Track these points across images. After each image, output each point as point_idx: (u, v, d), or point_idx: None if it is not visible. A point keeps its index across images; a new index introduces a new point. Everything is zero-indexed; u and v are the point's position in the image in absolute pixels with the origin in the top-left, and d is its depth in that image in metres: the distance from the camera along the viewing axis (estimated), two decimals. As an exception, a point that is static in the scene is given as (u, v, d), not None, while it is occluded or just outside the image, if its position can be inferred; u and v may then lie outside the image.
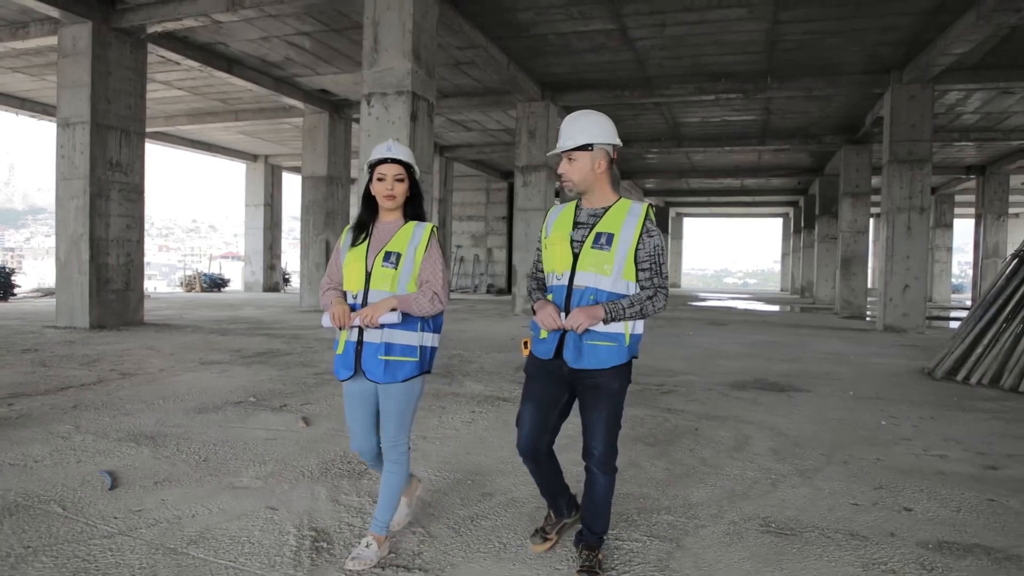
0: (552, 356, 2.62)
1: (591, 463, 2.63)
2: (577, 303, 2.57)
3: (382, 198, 2.74)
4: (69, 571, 2.58)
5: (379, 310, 2.61)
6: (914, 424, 5.38)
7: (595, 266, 2.56)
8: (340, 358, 2.74)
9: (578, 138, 2.62)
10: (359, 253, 2.75)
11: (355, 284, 2.73)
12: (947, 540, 3.04)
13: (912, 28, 11.49)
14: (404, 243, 2.72)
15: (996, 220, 23.84)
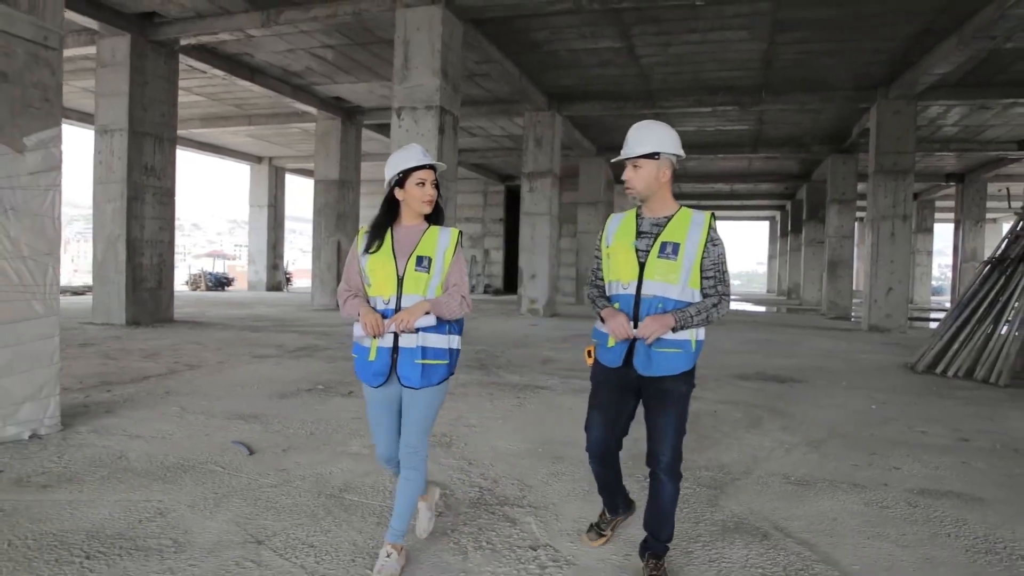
0: (621, 364, 2.66)
1: (658, 469, 2.66)
2: (646, 311, 2.60)
3: (422, 203, 2.73)
4: (261, 507, 3.34)
5: (415, 314, 2.61)
6: (899, 408, 6.23)
7: (662, 275, 2.59)
8: (373, 365, 2.69)
9: (646, 145, 2.65)
10: (386, 258, 2.70)
11: (387, 289, 2.69)
12: (927, 488, 3.87)
13: (898, 50, 12.41)
14: (433, 247, 2.72)
15: (974, 226, 24.95)
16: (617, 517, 3.01)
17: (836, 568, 2.82)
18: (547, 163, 16.90)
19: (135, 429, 4.76)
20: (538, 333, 12.42)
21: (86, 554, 2.76)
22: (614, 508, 2.99)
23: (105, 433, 4.63)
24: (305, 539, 2.98)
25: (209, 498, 3.44)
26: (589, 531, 3.01)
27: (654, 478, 2.71)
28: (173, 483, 3.66)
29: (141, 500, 3.38)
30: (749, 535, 3.15)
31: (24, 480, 3.64)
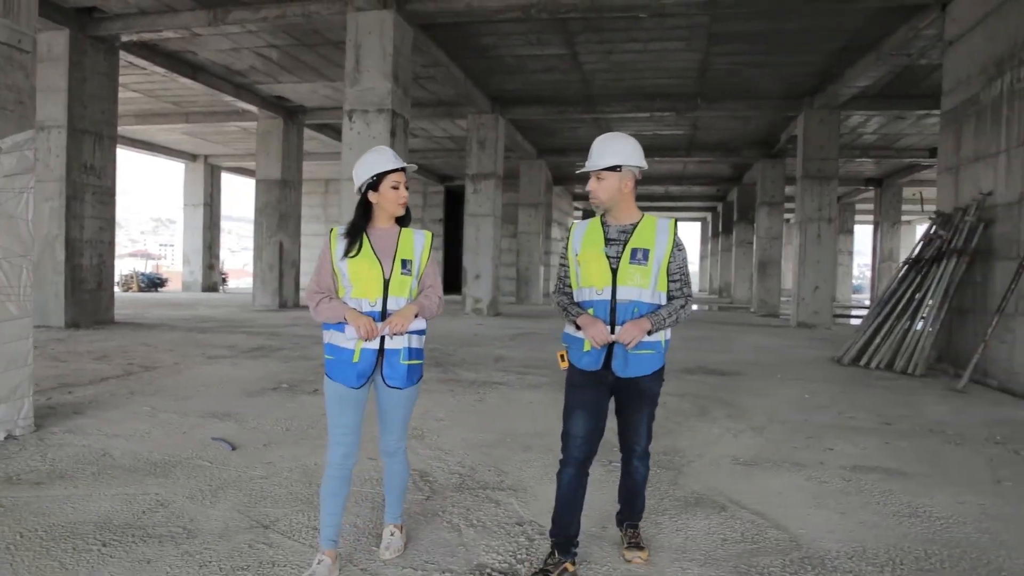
0: (600, 367, 2.74)
1: (634, 457, 2.90)
2: (622, 316, 2.70)
3: (397, 205, 2.77)
4: (257, 497, 3.53)
5: (407, 318, 2.66)
6: (830, 397, 6.79)
7: (635, 280, 2.70)
8: (357, 366, 2.67)
9: (608, 158, 2.73)
10: (371, 261, 2.71)
11: (372, 292, 2.70)
12: (859, 465, 4.35)
13: (823, 63, 13.23)
14: (411, 250, 2.79)
15: (891, 227, 26.53)
16: (565, 562, 2.72)
17: (786, 532, 3.21)
18: (491, 165, 17.20)
19: (111, 429, 4.83)
20: (486, 332, 12.70)
21: (101, 542, 2.91)
22: (566, 547, 2.75)
23: (81, 433, 4.69)
24: (308, 523, 3.19)
25: (205, 490, 3.60)
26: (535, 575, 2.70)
27: (628, 463, 2.92)
28: (165, 477, 3.80)
29: (138, 493, 3.52)
30: (709, 508, 3.52)
31: (14, 478, 3.71)
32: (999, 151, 7.85)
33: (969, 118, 8.57)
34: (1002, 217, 7.80)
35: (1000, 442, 5.07)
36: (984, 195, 8.10)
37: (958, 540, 3.17)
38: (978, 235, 8.05)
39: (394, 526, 2.92)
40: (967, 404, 6.56)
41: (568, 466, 2.77)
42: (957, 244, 8.27)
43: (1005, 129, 7.71)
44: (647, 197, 37.87)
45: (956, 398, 6.87)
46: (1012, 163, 7.58)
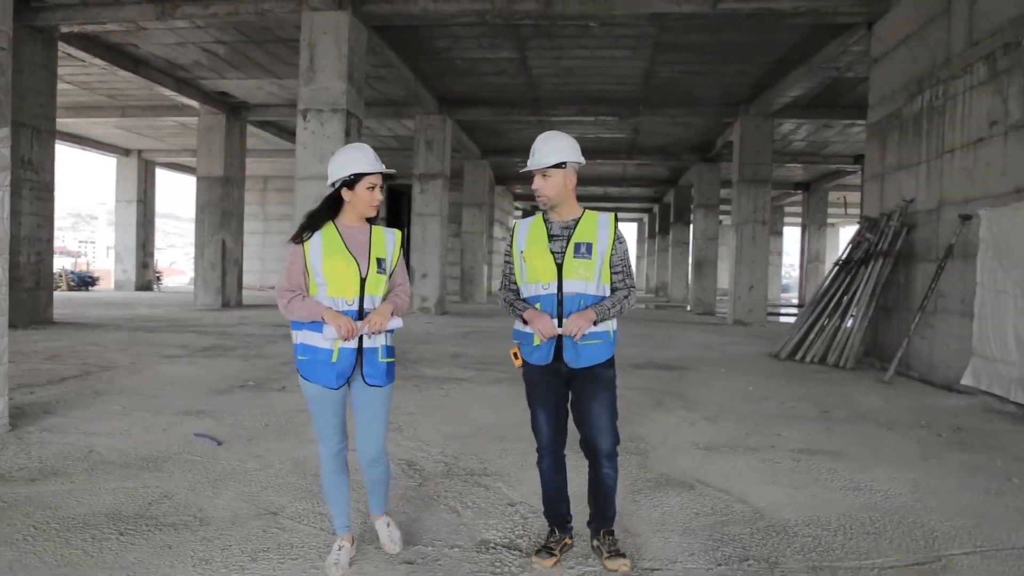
0: (551, 360, 2.81)
1: (601, 456, 2.84)
2: (569, 309, 2.77)
3: (370, 207, 2.76)
4: (256, 487, 3.68)
5: (385, 316, 2.66)
6: (772, 389, 7.29)
7: (579, 274, 2.78)
8: (336, 366, 2.66)
9: (552, 157, 2.82)
10: (346, 259, 2.69)
11: (349, 291, 2.68)
12: (805, 448, 4.78)
13: (760, 74, 13.94)
14: (383, 248, 2.79)
15: (818, 230, 27.89)
16: (565, 538, 2.93)
17: (750, 505, 3.58)
18: (438, 165, 17.36)
19: (87, 427, 4.85)
20: (437, 330, 12.88)
21: (118, 532, 3.03)
22: (563, 524, 2.95)
23: (59, 431, 4.70)
24: (312, 510, 3.38)
25: (204, 482, 3.73)
26: (539, 552, 2.88)
27: (596, 468, 2.87)
28: (159, 472, 3.90)
29: (138, 487, 3.62)
30: (678, 487, 3.87)
31: (7, 476, 3.75)
32: (920, 162, 8.54)
33: (893, 130, 9.27)
34: (922, 223, 8.49)
35: (925, 426, 5.62)
36: (907, 202, 8.79)
37: (896, 508, 3.60)
38: (901, 239, 8.73)
39: (386, 516, 2.94)
40: (894, 394, 7.16)
41: (544, 456, 2.93)
42: (883, 247, 8.95)
43: (925, 142, 8.40)
44: (587, 198, 38.59)
45: (884, 389, 7.48)
46: (931, 173, 8.27)
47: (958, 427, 5.62)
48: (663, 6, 10.12)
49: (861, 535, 3.23)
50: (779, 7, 9.90)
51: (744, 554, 2.99)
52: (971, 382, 6.96)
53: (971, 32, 7.46)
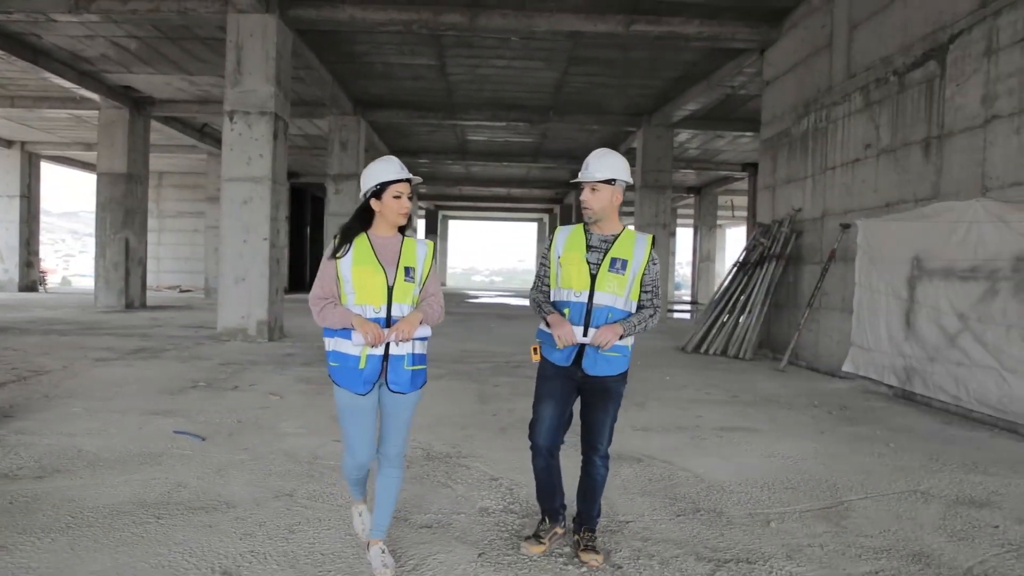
0: (571, 363, 2.95)
1: (596, 456, 3.03)
2: (596, 319, 2.90)
3: (398, 215, 2.83)
4: (261, 475, 4.04)
5: (413, 325, 2.73)
6: (686, 378, 8.16)
7: (611, 288, 2.90)
8: (363, 372, 2.73)
9: (605, 172, 2.94)
10: (374, 268, 2.77)
11: (376, 298, 2.75)
12: (724, 426, 5.59)
13: (663, 88, 15.03)
14: (413, 258, 2.86)
15: (708, 231, 29.81)
16: (556, 527, 3.07)
17: (690, 471, 4.29)
18: (353, 166, 17.49)
19: (60, 428, 4.98)
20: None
21: (155, 516, 3.34)
22: (555, 515, 3.09)
23: (33, 434, 4.81)
24: (323, 492, 3.78)
25: (209, 472, 4.05)
26: (529, 539, 3.05)
27: (590, 463, 3.05)
28: (159, 465, 4.17)
29: (148, 479, 3.90)
30: (628, 460, 4.53)
31: (10, 475, 3.92)
32: (806, 176, 9.70)
33: (783, 147, 10.43)
34: (809, 229, 9.65)
35: (817, 406, 6.60)
36: (795, 211, 9.95)
37: (804, 470, 4.41)
38: (791, 244, 9.87)
39: (381, 542, 2.86)
40: (788, 380, 8.20)
41: (539, 457, 3.05)
42: (775, 251, 10.07)
43: (811, 159, 9.55)
44: (490, 198, 39.38)
45: (779, 376, 8.53)
46: (816, 186, 9.43)
47: (844, 406, 6.63)
48: (581, 25, 10.88)
49: (781, 490, 4.00)
50: (684, 31, 10.86)
51: (695, 507, 3.68)
52: (851, 369, 8.09)
53: (849, 66, 8.61)
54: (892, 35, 7.74)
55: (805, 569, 2.96)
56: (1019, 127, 5.94)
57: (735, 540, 3.26)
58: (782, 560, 3.05)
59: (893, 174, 7.67)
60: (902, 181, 7.52)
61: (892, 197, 7.69)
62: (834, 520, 3.56)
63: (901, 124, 7.57)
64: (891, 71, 7.74)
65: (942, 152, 6.90)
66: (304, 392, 6.68)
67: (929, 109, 7.11)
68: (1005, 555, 3.15)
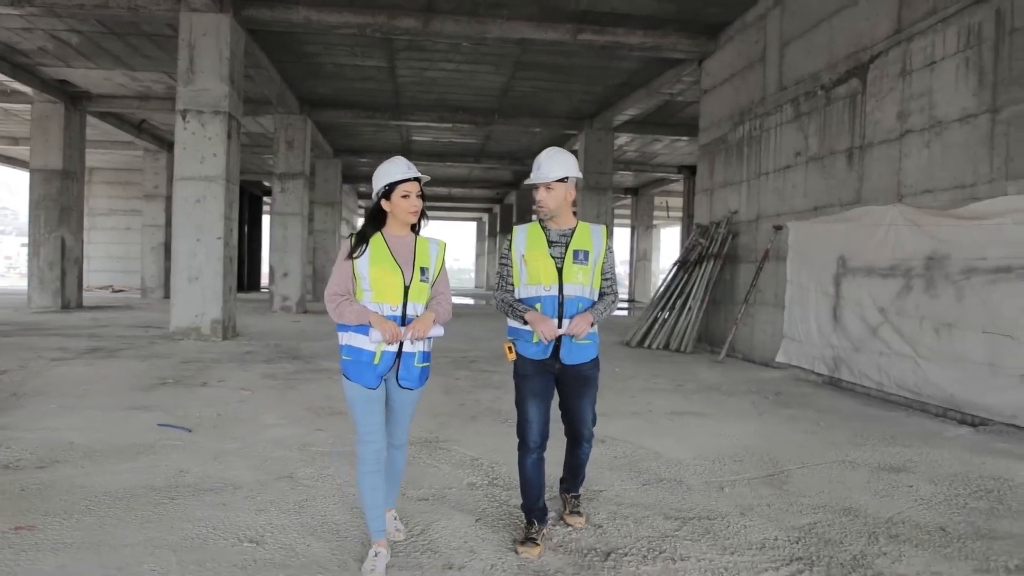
0: (548, 356, 3.09)
1: (583, 440, 3.28)
2: (569, 310, 3.04)
3: (408, 214, 2.90)
4: (256, 460, 4.30)
5: (428, 324, 2.85)
6: (633, 370, 8.70)
7: (578, 279, 3.06)
8: (377, 368, 2.84)
9: (558, 171, 3.05)
10: (392, 267, 2.86)
11: (393, 298, 2.85)
12: (674, 411, 6.12)
13: (605, 93, 15.64)
14: (427, 258, 2.95)
15: (645, 231, 30.79)
16: (543, 528, 3.18)
17: (649, 450, 4.77)
18: (299, 165, 17.51)
19: (44, 424, 5.09)
20: (309, 328, 13.28)
21: (169, 497, 3.58)
22: (542, 516, 3.17)
23: (17, 429, 4.91)
24: (320, 473, 4.08)
25: (206, 459, 4.29)
26: (525, 543, 3.07)
27: (577, 447, 3.30)
28: (154, 455, 4.37)
29: (150, 466, 4.12)
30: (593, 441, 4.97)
31: (11, 466, 4.07)
32: (742, 180, 10.40)
33: (720, 152, 11.13)
34: (744, 231, 10.36)
35: (755, 392, 7.22)
36: (732, 213, 10.64)
37: (750, 446, 4.95)
38: (728, 244, 10.56)
39: (394, 510, 3.20)
40: (727, 370, 8.85)
41: (530, 453, 3.14)
42: (713, 250, 10.74)
43: (746, 164, 10.25)
44: (431, 198, 39.52)
45: (719, 367, 9.18)
46: (751, 190, 10.13)
47: (778, 392, 7.28)
48: (531, 33, 11.31)
49: (730, 462, 4.52)
50: (628, 41, 11.44)
51: (658, 478, 4.15)
52: (783, 359, 8.79)
53: (781, 79, 9.32)
54: (819, 53, 8.46)
55: (756, 523, 3.46)
56: (929, 141, 6.68)
57: (695, 503, 3.74)
58: (736, 516, 3.54)
59: (821, 180, 8.39)
60: (829, 187, 8.24)
61: (820, 201, 8.40)
62: (777, 485, 4.09)
63: (828, 134, 8.29)
64: (819, 86, 8.46)
65: (864, 161, 7.62)
66: (273, 387, 6.89)
67: (852, 122, 7.83)
68: (918, 507, 3.73)
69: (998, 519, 3.59)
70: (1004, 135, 5.88)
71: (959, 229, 6.20)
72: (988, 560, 3.07)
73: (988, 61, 6.06)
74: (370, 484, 2.90)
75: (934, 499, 3.89)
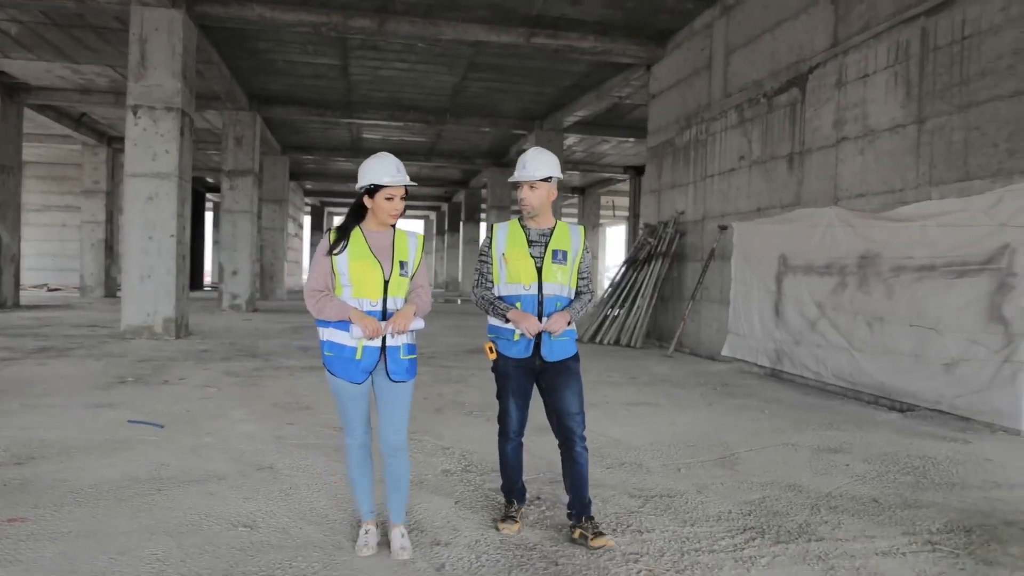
0: (530, 354, 3.14)
1: (575, 439, 3.18)
2: (548, 308, 3.11)
3: (389, 216, 2.92)
4: (234, 453, 4.42)
5: (409, 317, 2.85)
6: (586, 364, 8.90)
7: (557, 278, 3.13)
8: (360, 363, 2.85)
9: (543, 170, 3.11)
10: (371, 262, 2.87)
11: (373, 292, 2.87)
12: (629, 402, 6.46)
13: (555, 95, 15.98)
14: (406, 251, 2.96)
15: (591, 229, 31.34)
16: (522, 506, 3.35)
17: (610, 437, 5.07)
18: (248, 162, 17.36)
19: (9, 423, 5.07)
20: (263, 327, 13.21)
21: (155, 488, 3.68)
22: (521, 495, 3.36)
23: (-16, 427, 4.91)
24: (300, 464, 4.22)
25: (185, 453, 4.38)
26: (504, 520, 3.24)
27: (571, 449, 3.19)
28: (131, 451, 4.44)
29: (129, 460, 4.19)
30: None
31: (-12, 461, 4.10)
32: (688, 182, 10.85)
33: (668, 155, 11.57)
34: (691, 230, 10.81)
35: (703, 384, 7.63)
36: (679, 213, 11.09)
37: (701, 432, 5.31)
38: (676, 243, 11.00)
39: (403, 527, 3.02)
40: (676, 364, 9.27)
41: (510, 440, 3.30)
42: (661, 249, 11.18)
43: (693, 167, 10.71)
44: (378, 194, 39.33)
45: (668, 361, 9.59)
46: (697, 192, 10.58)
47: (725, 383, 7.70)
48: (485, 35, 11.55)
49: (685, 447, 4.86)
50: (580, 46, 11.78)
51: (620, 461, 4.45)
52: (728, 353, 9.25)
53: (726, 86, 9.79)
54: (763, 62, 8.94)
55: (711, 499, 3.78)
56: (862, 148, 7.19)
57: (655, 483, 4.05)
58: (694, 494, 3.86)
59: (763, 183, 8.87)
60: (771, 189, 8.72)
61: (763, 203, 8.88)
62: (728, 466, 4.44)
63: (770, 140, 8.77)
64: (762, 93, 8.93)
65: (803, 166, 8.11)
66: (237, 384, 6.95)
67: (793, 128, 8.32)
68: (853, 483, 4.13)
69: (923, 491, 4.01)
70: (929, 144, 6.40)
71: (889, 230, 6.71)
72: (914, 525, 3.46)
73: (915, 76, 6.58)
74: (356, 472, 3.03)
75: (867, 475, 4.29)
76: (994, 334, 5.65)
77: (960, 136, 6.08)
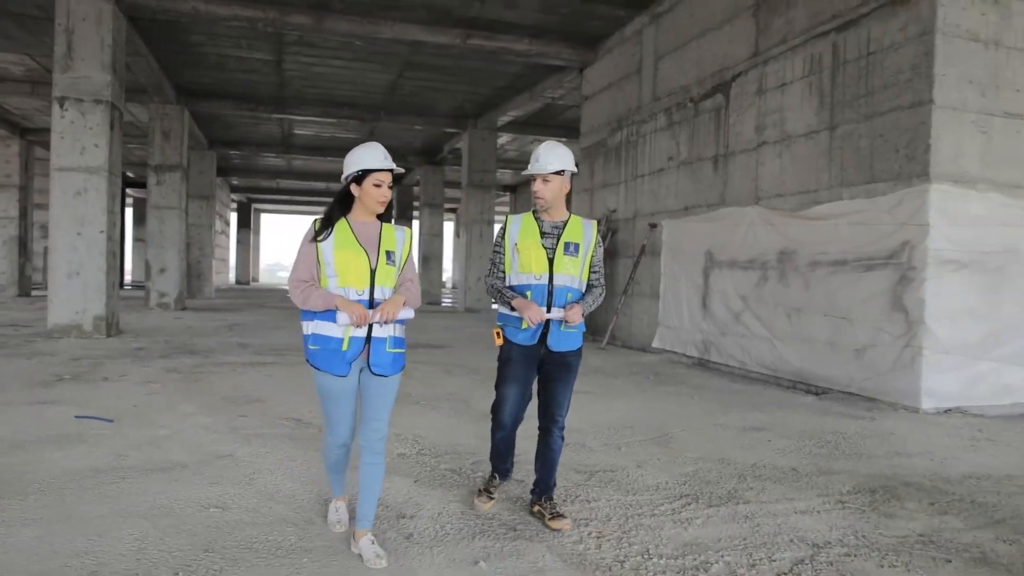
0: (535, 342, 3.22)
1: (555, 427, 3.30)
2: (558, 299, 3.17)
3: (377, 203, 2.85)
4: (192, 445, 4.50)
5: (397, 306, 2.77)
6: (526, 357, 9.35)
7: (569, 269, 3.18)
8: (346, 354, 2.79)
9: (556, 164, 3.16)
10: (356, 251, 2.81)
11: (359, 281, 2.80)
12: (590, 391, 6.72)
13: (489, 95, 16.26)
14: (393, 242, 2.91)
15: (523, 228, 31.82)
16: (504, 482, 3.48)
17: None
18: (176, 157, 16.97)
19: (-52, 419, 5.00)
20: (195, 325, 12.99)
21: (119, 477, 3.75)
22: (505, 474, 3.50)
23: (-76, 424, 4.82)
24: (259, 452, 4.35)
25: (142, 445, 4.44)
26: (480, 495, 3.38)
27: (549, 435, 3.32)
28: (86, 444, 4.45)
29: (86, 452, 4.22)
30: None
31: (-61, 456, 4.07)
32: (620, 181, 11.32)
33: (600, 155, 12.02)
34: (622, 228, 11.29)
35: (636, 373, 8.07)
36: (611, 211, 11.55)
37: (637, 417, 5.70)
38: (608, 240, 11.45)
39: (368, 532, 2.89)
40: (610, 356, 9.70)
41: (502, 431, 3.39)
42: (595, 246, 11.60)
43: (624, 166, 11.18)
44: (308, 192, 38.69)
45: (603, 352, 10.02)
46: (628, 191, 11.06)
47: (656, 372, 8.16)
48: (423, 35, 11.71)
49: (623, 429, 5.23)
50: (515, 48, 12.09)
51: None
52: (659, 344, 9.74)
53: (655, 90, 10.28)
54: (690, 69, 9.45)
55: (649, 472, 4.14)
56: (780, 152, 7.75)
57: (598, 460, 4.39)
58: (634, 468, 4.21)
59: (691, 183, 9.39)
60: (698, 189, 9.24)
61: (690, 202, 9.40)
62: (663, 444, 4.82)
63: (696, 142, 9.29)
64: (689, 98, 9.45)
65: (727, 167, 8.65)
66: (179, 380, 6.94)
67: (717, 132, 8.85)
68: (775, 455, 4.58)
69: (835, 460, 4.49)
70: (839, 149, 6.99)
71: (805, 228, 7.28)
72: (828, 488, 3.91)
73: (827, 86, 7.16)
74: (333, 462, 3.11)
75: (787, 449, 4.75)
76: (896, 322, 6.26)
77: (867, 142, 6.68)
